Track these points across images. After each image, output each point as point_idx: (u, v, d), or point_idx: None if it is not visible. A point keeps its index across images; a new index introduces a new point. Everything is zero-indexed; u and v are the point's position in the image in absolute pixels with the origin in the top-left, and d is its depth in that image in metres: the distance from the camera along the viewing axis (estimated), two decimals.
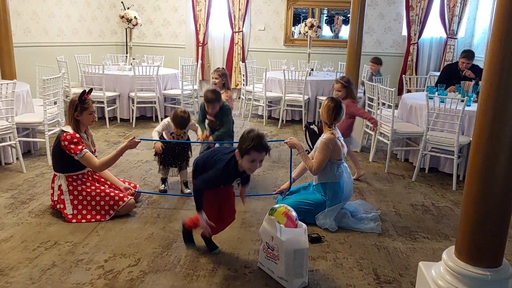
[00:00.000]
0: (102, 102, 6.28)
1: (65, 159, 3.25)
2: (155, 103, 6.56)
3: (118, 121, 6.69)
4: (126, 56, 7.97)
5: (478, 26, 8.65)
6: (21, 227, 3.16)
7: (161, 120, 6.62)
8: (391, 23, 8.97)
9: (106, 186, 3.51)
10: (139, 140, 3.35)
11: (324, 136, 3.31)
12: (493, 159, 1.86)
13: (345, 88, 4.37)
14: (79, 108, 3.27)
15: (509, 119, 1.81)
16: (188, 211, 3.58)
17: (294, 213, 2.67)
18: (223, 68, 4.88)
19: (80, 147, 3.20)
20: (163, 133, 3.94)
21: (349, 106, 4.25)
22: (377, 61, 6.74)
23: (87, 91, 3.33)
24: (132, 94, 6.46)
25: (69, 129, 3.27)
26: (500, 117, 1.82)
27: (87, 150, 3.24)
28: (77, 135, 3.24)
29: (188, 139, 4.04)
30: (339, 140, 3.35)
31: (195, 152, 4.35)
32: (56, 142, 3.29)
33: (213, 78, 4.59)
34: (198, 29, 9.18)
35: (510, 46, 1.76)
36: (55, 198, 3.35)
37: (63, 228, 3.18)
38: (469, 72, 5.48)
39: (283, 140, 3.43)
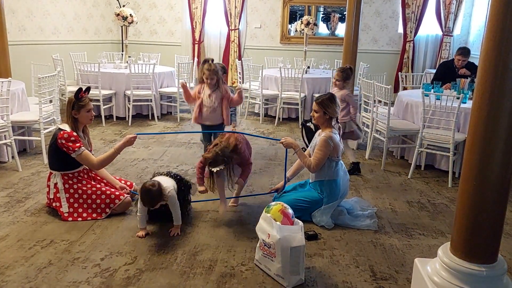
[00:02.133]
0: (98, 100, 6.25)
1: (61, 157, 3.24)
2: (151, 101, 6.54)
3: (114, 119, 6.66)
4: (122, 54, 7.94)
5: (473, 23, 8.68)
6: (17, 226, 3.15)
7: (157, 119, 6.69)
8: (387, 21, 8.98)
9: (102, 184, 3.51)
10: (135, 135, 3.32)
11: (324, 134, 3.30)
12: (488, 156, 1.87)
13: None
14: (76, 106, 3.25)
15: (504, 116, 1.82)
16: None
17: (290, 211, 2.67)
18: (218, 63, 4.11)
19: (77, 145, 3.19)
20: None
21: None
22: (224, 70, 4.37)
23: (84, 89, 3.32)
24: (128, 92, 6.44)
25: (66, 127, 3.25)
26: (494, 114, 1.83)
27: (84, 148, 3.23)
28: (74, 133, 3.23)
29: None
30: (338, 137, 3.36)
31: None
32: (52, 140, 3.27)
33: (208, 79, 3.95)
34: (194, 26, 9.16)
35: (504, 44, 1.77)
36: (51, 196, 3.34)
37: (59, 226, 3.18)
38: (464, 70, 5.50)
39: (279, 140, 3.42)
